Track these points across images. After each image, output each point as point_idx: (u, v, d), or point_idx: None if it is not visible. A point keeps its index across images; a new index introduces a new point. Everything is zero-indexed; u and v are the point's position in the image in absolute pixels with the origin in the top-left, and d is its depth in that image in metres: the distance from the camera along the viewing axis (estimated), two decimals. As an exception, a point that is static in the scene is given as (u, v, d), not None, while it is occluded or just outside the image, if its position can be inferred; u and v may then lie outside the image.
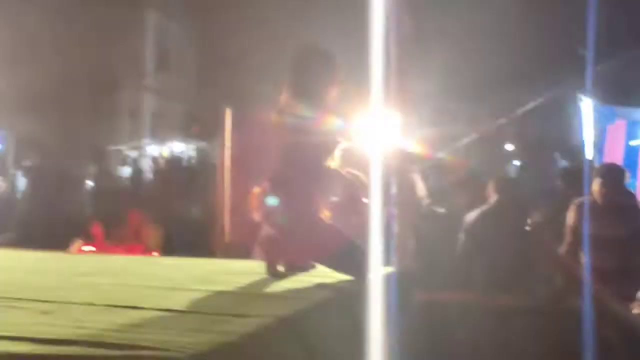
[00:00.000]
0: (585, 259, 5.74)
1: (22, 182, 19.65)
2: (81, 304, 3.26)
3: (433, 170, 7.43)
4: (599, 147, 14.60)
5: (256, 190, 4.40)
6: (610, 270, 5.57)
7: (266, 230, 4.39)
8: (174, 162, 23.21)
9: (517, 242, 6.15)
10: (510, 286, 5.99)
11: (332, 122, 4.36)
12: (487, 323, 5.81)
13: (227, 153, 6.97)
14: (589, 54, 11.74)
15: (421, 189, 6.30)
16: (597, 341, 4.97)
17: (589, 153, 13.24)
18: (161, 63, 29.49)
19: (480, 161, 9.43)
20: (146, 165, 22.97)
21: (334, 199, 5.21)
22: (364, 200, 5.90)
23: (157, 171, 20.24)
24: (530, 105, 11.75)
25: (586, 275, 5.73)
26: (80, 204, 16.57)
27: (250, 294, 3.78)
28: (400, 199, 4.73)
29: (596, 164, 13.32)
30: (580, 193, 6.10)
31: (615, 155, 16.22)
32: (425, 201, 6.47)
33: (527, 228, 6.23)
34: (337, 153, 4.55)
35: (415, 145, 5.20)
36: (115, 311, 3.12)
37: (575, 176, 6.59)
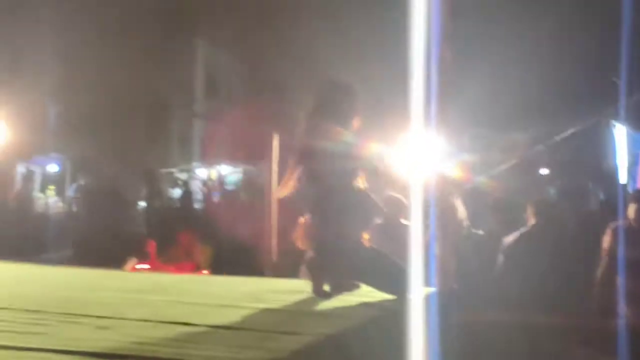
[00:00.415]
0: (620, 281, 5.63)
1: (78, 202, 19.90)
2: (136, 320, 3.27)
3: (471, 194, 7.35)
4: (632, 173, 14.43)
5: (301, 221, 4.38)
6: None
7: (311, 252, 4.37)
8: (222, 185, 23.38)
9: (554, 264, 6.05)
10: (547, 306, 5.90)
11: (369, 148, 4.36)
12: (524, 343, 5.73)
13: (274, 177, 6.95)
14: (622, 83, 11.65)
15: (462, 211, 6.24)
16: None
17: (623, 178, 13.07)
18: (210, 90, 29.75)
19: (517, 186, 9.32)
20: (196, 187, 23.11)
21: (377, 221, 5.19)
22: (404, 222, 5.89)
23: (207, 194, 20.36)
24: (567, 132, 11.65)
25: (622, 298, 5.63)
26: (133, 223, 16.72)
27: (297, 312, 3.77)
28: (442, 222, 4.69)
29: (629, 189, 13.18)
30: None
31: (648, 180, 16.00)
32: (466, 223, 6.40)
33: (566, 250, 6.12)
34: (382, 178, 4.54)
35: (456, 170, 5.13)
36: (168, 327, 3.12)
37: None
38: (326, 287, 4.23)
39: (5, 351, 2.63)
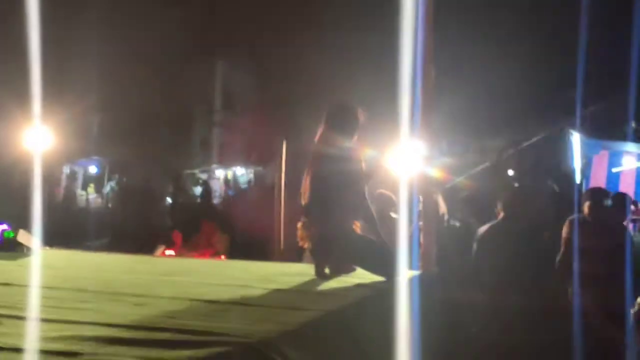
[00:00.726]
0: (576, 267, 5.64)
1: (114, 198, 19.93)
2: (168, 297, 3.29)
3: (450, 191, 7.37)
4: (586, 174, 14.46)
5: (299, 224, 4.40)
6: (598, 277, 5.46)
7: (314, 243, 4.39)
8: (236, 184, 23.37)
9: (520, 251, 6.05)
10: (514, 288, 5.91)
11: (363, 153, 4.41)
12: (494, 319, 5.75)
13: (283, 177, 7.00)
14: (578, 97, 11.68)
15: (443, 206, 6.25)
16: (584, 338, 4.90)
17: (578, 178, 13.10)
18: (227, 103, 29.83)
19: (489, 185, 9.34)
20: (215, 186, 23.14)
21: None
22: (393, 215, 5.91)
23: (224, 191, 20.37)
24: (531, 139, 11.69)
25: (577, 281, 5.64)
26: (161, 216, 16.74)
27: (303, 291, 3.80)
28: (425, 215, 4.72)
29: (583, 188, 13.21)
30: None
31: (599, 180, 16.01)
32: (446, 217, 6.42)
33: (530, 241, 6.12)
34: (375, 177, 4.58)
35: (436, 171, 5.15)
36: (195, 304, 3.16)
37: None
38: (327, 270, 4.26)
39: (57, 324, 2.65)
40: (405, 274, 4.22)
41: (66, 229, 10.77)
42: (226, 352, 2.25)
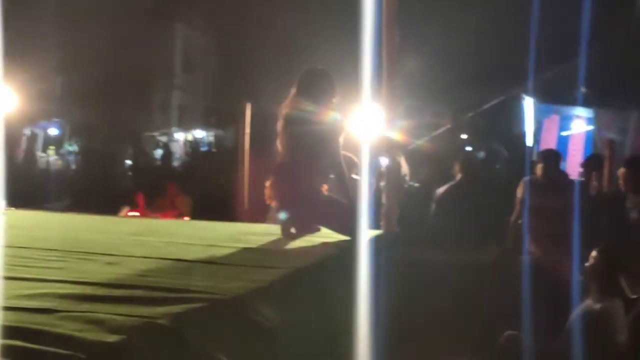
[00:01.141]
0: (529, 224, 5.75)
1: (73, 159, 19.62)
2: (138, 257, 3.26)
3: (411, 153, 7.42)
4: (537, 137, 14.72)
5: (268, 183, 4.39)
6: (551, 233, 5.58)
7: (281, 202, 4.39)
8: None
9: (475, 211, 6.17)
10: (470, 246, 6.03)
11: (331, 116, 4.38)
12: (450, 275, 5.85)
13: (247, 139, 6.95)
14: (531, 63, 11.80)
15: (405, 168, 6.31)
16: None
17: (529, 141, 13.33)
18: (187, 65, 29.45)
19: (446, 147, 9.44)
20: (175, 148, 22.94)
21: (331, 175, 5.22)
22: (355, 176, 5.94)
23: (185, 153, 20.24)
24: (488, 104, 11.80)
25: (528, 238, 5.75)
26: (122, 177, 16.56)
27: (271, 250, 3.80)
28: (388, 176, 4.75)
29: (534, 151, 13.48)
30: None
31: (549, 143, 16.32)
32: (407, 177, 6.48)
33: (485, 200, 6.23)
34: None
35: (397, 134, 5.17)
36: (166, 263, 3.14)
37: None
38: (292, 230, 4.27)
39: (28, 282, 2.61)
40: (367, 233, 4.27)
41: (27, 191, 10.57)
42: (201, 309, 2.25)
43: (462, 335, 5.06)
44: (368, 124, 4.72)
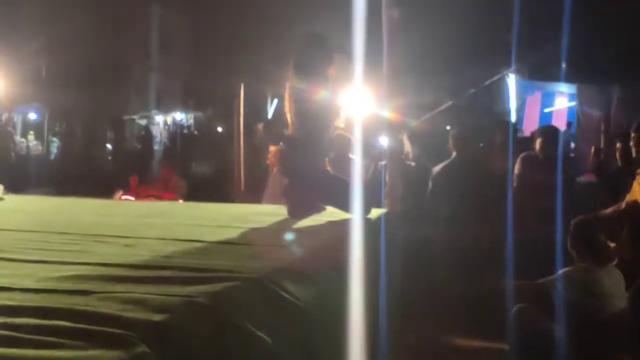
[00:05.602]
0: (528, 200, 5.82)
1: (55, 145, 19.44)
2: (154, 238, 3.27)
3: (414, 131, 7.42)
4: (520, 114, 14.87)
5: (272, 148, 4.40)
6: (549, 209, 5.64)
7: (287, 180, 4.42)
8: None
9: (471, 187, 6.20)
10: (468, 223, 6.07)
11: (327, 94, 4.36)
12: (449, 252, 5.91)
13: (241, 120, 6.92)
14: (514, 41, 11.87)
15: (407, 146, 6.34)
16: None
17: (513, 118, 13.46)
18: (164, 46, 29.23)
19: (441, 126, 9.48)
20: (155, 131, 22.80)
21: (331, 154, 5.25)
22: (352, 156, 5.97)
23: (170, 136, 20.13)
24: (486, 82, 11.90)
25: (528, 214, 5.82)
26: (105, 161, 16.45)
27: (281, 229, 3.82)
28: (390, 155, 4.78)
29: (518, 127, 13.60)
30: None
31: (532, 120, 16.51)
32: (410, 155, 6.51)
33: (481, 177, 6.26)
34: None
35: (395, 112, 5.18)
36: (183, 244, 3.14)
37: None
38: (298, 210, 4.28)
39: (53, 265, 2.61)
40: (373, 212, 4.31)
41: (7, 177, 10.49)
42: (236, 287, 2.27)
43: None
44: (364, 100, 4.74)
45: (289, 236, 3.80)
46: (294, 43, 4.40)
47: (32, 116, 20.28)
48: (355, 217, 4.12)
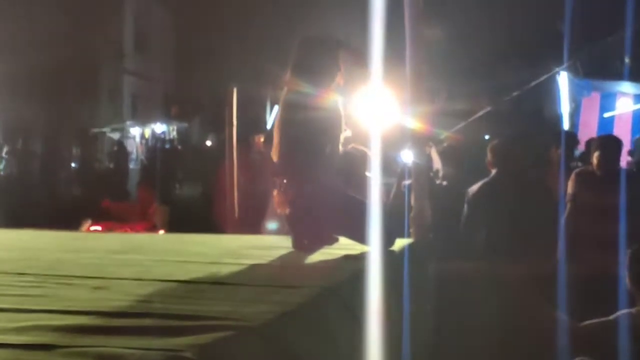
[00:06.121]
0: (585, 226, 5.81)
1: (8, 164, 19.52)
2: (130, 279, 3.29)
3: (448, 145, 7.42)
4: (574, 120, 14.83)
5: (278, 187, 4.38)
6: (611, 236, 5.62)
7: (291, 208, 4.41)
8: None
9: (516, 213, 6.19)
10: (511, 255, 6.05)
11: (333, 100, 4.36)
12: (489, 292, 5.88)
13: (234, 131, 6.92)
14: (567, 32, 11.91)
15: (437, 161, 6.34)
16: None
17: (566, 125, 13.44)
18: (140, 45, 29.27)
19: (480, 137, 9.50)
20: (131, 147, 22.88)
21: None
22: (367, 174, 5.98)
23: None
24: (532, 83, 11.91)
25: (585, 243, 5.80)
26: (69, 185, 16.51)
27: (285, 266, 3.83)
28: (416, 173, 4.78)
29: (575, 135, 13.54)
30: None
31: (590, 126, 16.47)
32: (441, 173, 6.50)
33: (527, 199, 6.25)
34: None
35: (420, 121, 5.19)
36: (166, 285, 3.16)
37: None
38: (306, 242, 4.29)
39: (9, 314, 2.63)
40: (396, 243, 4.31)
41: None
42: (229, 338, 2.28)
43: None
44: (383, 107, 4.75)
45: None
46: (293, 43, 4.44)
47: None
48: (375, 250, 4.13)
